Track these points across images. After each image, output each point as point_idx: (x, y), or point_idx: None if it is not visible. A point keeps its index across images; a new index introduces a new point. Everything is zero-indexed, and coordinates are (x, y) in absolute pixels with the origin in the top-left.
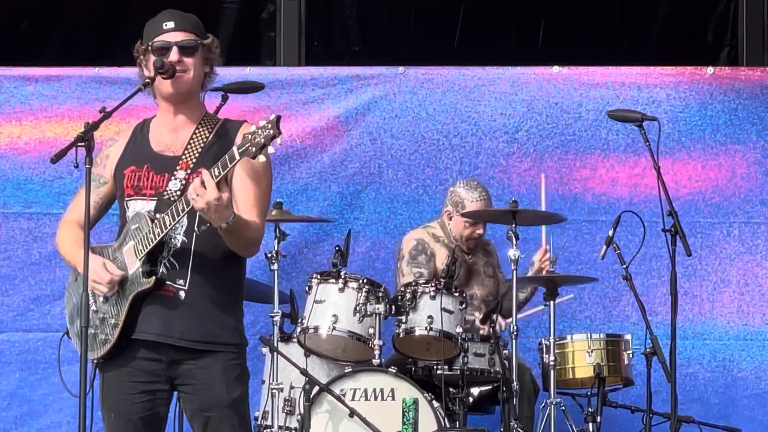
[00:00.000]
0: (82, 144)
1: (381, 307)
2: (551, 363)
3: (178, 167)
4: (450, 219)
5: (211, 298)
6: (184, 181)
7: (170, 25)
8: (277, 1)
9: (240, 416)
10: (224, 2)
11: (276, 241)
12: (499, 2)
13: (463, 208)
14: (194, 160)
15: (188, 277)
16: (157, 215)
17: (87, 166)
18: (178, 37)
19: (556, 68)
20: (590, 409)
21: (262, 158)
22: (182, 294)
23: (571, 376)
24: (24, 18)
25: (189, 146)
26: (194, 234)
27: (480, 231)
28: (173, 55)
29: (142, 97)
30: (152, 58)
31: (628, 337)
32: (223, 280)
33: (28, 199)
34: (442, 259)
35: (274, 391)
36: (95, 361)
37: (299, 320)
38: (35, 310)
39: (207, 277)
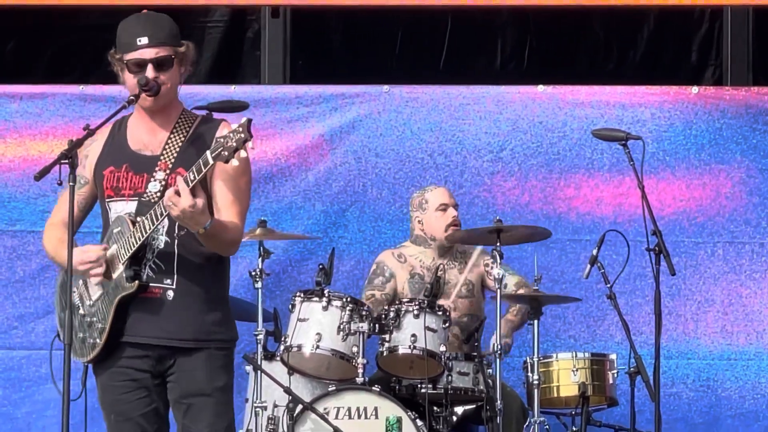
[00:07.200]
0: (66, 161)
1: (365, 326)
2: (535, 382)
3: (156, 168)
4: (422, 225)
5: (198, 295)
6: (163, 182)
7: (144, 41)
8: (261, 19)
9: (221, 406)
10: (209, 21)
11: (260, 260)
12: (484, 21)
13: (426, 201)
14: (172, 161)
15: (175, 277)
16: (138, 218)
17: (71, 183)
18: (152, 53)
19: (540, 87)
20: (574, 429)
21: (235, 162)
22: (170, 293)
23: (555, 395)
24: (11, 39)
25: (167, 146)
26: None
27: (454, 213)
28: (149, 72)
29: (126, 114)
30: (128, 74)
31: (613, 356)
32: (209, 277)
33: (12, 217)
34: (403, 279)
35: (257, 409)
36: (86, 364)
37: (283, 338)
38: (19, 327)
39: (193, 275)
